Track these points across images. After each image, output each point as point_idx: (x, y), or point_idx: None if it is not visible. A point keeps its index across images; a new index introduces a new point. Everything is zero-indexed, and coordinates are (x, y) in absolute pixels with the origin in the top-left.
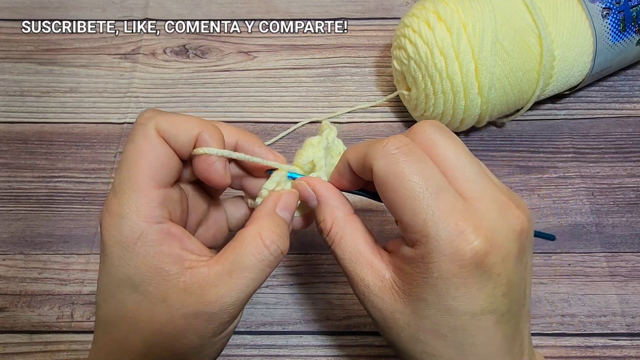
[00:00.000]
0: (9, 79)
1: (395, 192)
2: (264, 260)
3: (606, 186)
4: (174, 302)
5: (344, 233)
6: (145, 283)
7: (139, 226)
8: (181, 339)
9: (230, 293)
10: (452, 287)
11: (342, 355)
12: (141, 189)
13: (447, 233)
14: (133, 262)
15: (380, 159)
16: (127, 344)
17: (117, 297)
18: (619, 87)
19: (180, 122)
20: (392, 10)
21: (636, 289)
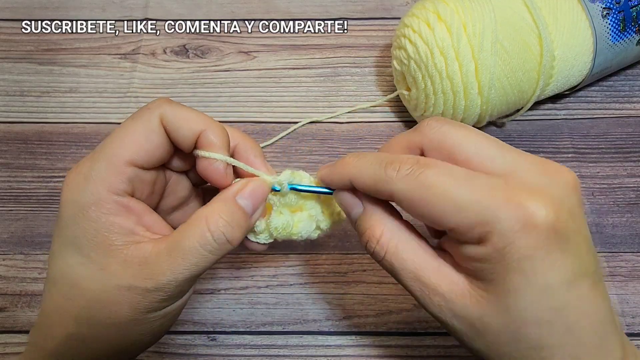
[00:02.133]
0: (9, 79)
1: (431, 205)
2: (205, 246)
3: (606, 186)
4: (112, 273)
5: (400, 239)
6: (89, 248)
7: (98, 193)
8: (114, 310)
9: (166, 272)
10: (538, 262)
11: (342, 355)
12: (115, 163)
13: (506, 210)
14: (83, 224)
15: (399, 183)
16: (65, 307)
17: (63, 256)
18: (619, 87)
19: (186, 116)
20: (392, 10)
21: (636, 289)
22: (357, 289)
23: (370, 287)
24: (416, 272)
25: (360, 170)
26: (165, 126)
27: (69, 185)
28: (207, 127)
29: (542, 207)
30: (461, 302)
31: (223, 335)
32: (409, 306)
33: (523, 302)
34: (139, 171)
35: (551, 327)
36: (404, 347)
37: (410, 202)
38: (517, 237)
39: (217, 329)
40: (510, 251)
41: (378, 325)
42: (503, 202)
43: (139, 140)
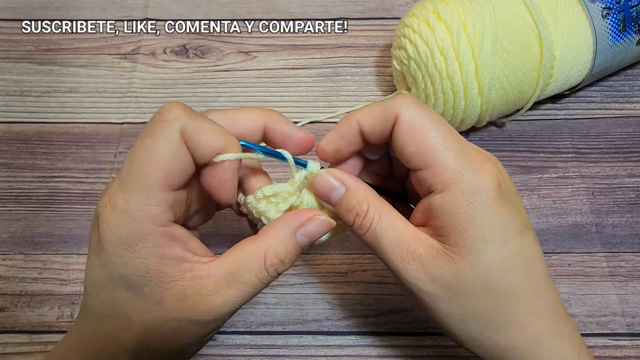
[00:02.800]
0: (9, 79)
1: (425, 136)
2: (264, 280)
3: (606, 186)
4: (169, 306)
5: (382, 211)
6: (142, 284)
7: (143, 227)
8: (172, 340)
9: (226, 303)
10: (497, 212)
11: (342, 355)
12: (152, 191)
13: (475, 165)
14: (132, 262)
15: (408, 108)
16: (118, 340)
17: (110, 292)
18: (619, 87)
19: (206, 133)
20: (392, 10)
21: (636, 289)
22: (357, 289)
23: (370, 287)
24: (397, 238)
25: (366, 109)
26: (186, 141)
27: (108, 223)
28: (227, 145)
29: (496, 171)
30: (438, 263)
31: (223, 335)
32: (409, 306)
33: (491, 247)
34: (175, 194)
35: (514, 270)
36: (404, 347)
37: (411, 128)
38: (481, 188)
39: None
40: (475, 200)
41: (378, 325)
42: (475, 160)
43: (167, 160)
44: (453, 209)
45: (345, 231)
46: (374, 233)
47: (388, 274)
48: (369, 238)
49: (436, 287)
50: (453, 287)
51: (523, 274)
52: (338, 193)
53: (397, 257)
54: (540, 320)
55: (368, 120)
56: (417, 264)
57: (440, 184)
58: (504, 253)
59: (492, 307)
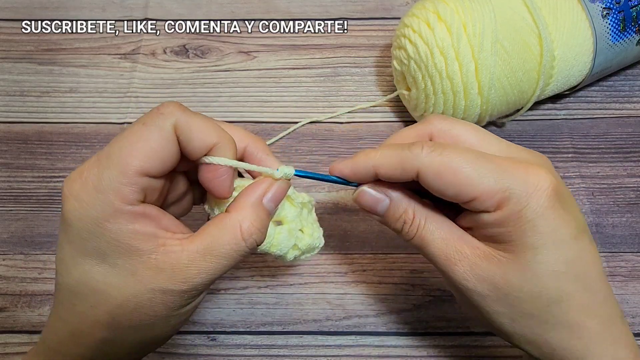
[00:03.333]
0: (9, 79)
1: (456, 175)
2: (239, 251)
3: (606, 186)
4: (143, 277)
5: (427, 216)
6: (114, 257)
7: (112, 205)
8: (147, 311)
9: (201, 275)
10: (550, 219)
11: (342, 355)
12: (127, 172)
13: (520, 178)
14: (103, 237)
15: (426, 159)
16: (93, 315)
17: (82, 267)
18: (619, 87)
19: (199, 128)
20: (392, 10)
21: (636, 289)
22: (357, 289)
23: (370, 287)
24: (444, 240)
25: (383, 155)
26: (178, 136)
27: (77, 196)
28: (219, 140)
29: (547, 175)
30: (485, 264)
31: (223, 335)
32: (409, 306)
33: (540, 256)
34: (151, 180)
35: (566, 277)
36: (404, 347)
37: (437, 175)
38: (531, 199)
39: (217, 329)
40: (526, 213)
41: (378, 325)
42: (516, 172)
43: (153, 149)
44: (505, 223)
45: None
46: (421, 237)
47: (388, 274)
48: (416, 242)
49: (484, 287)
50: (501, 288)
51: (576, 280)
52: (383, 205)
53: (444, 258)
54: (594, 324)
55: (385, 168)
56: (464, 264)
57: (491, 207)
58: (556, 261)
59: (542, 310)
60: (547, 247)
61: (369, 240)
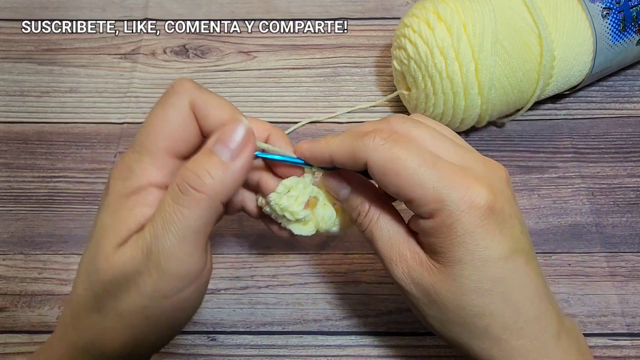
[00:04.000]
0: (9, 79)
1: (398, 175)
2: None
3: (606, 186)
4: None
5: (381, 213)
6: (117, 230)
7: (141, 182)
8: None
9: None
10: (479, 238)
11: (342, 355)
12: (156, 155)
13: (457, 192)
14: (120, 211)
15: (374, 153)
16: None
17: (97, 240)
18: (619, 87)
19: (214, 104)
20: (392, 10)
21: (636, 289)
22: (357, 289)
23: (370, 287)
24: (390, 240)
25: (338, 144)
26: (195, 113)
27: (115, 175)
28: (234, 114)
29: (485, 193)
30: (419, 271)
31: (223, 335)
32: (409, 306)
33: (466, 271)
34: (177, 162)
35: (491, 296)
36: (404, 347)
37: (381, 171)
38: (463, 215)
39: (217, 329)
40: (456, 227)
41: (378, 325)
42: (456, 185)
43: (176, 129)
44: (437, 234)
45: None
46: (371, 231)
47: (388, 274)
48: (367, 235)
49: (418, 291)
50: (431, 295)
51: (501, 300)
52: (345, 192)
53: (387, 256)
54: (519, 342)
55: (340, 157)
56: (403, 266)
57: (426, 214)
58: (481, 279)
59: (467, 320)
60: (473, 264)
61: None
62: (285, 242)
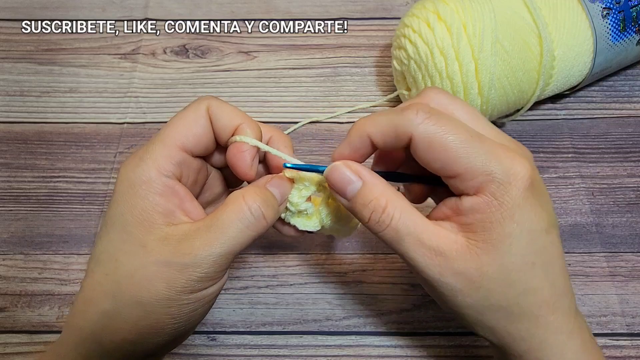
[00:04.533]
0: (9, 79)
1: (446, 148)
2: (243, 220)
3: (606, 186)
4: (151, 249)
5: (403, 208)
6: (132, 225)
7: (149, 172)
8: (149, 287)
9: (205, 247)
10: (526, 210)
11: (342, 355)
12: (166, 144)
13: (504, 165)
14: (131, 201)
15: (419, 126)
16: (104, 283)
17: (108, 233)
18: (619, 87)
19: (228, 109)
20: (392, 10)
21: (636, 289)
22: (357, 289)
23: (370, 287)
24: (420, 234)
25: (376, 121)
26: (210, 115)
27: (126, 165)
28: (244, 121)
29: (529, 166)
30: (461, 258)
31: (223, 335)
32: (409, 306)
33: (516, 246)
34: (187, 157)
35: (534, 269)
36: (404, 347)
37: (427, 145)
38: (512, 188)
39: (217, 329)
40: (506, 200)
41: (378, 325)
42: (502, 158)
43: (187, 124)
44: (485, 209)
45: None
46: (395, 229)
47: (388, 274)
48: (388, 235)
49: (458, 281)
50: (475, 281)
51: (543, 273)
52: (354, 187)
53: (420, 253)
54: (553, 317)
55: (379, 135)
56: (440, 259)
57: (471, 189)
58: (528, 252)
59: (511, 301)
60: (522, 237)
61: (369, 240)
62: (287, 243)
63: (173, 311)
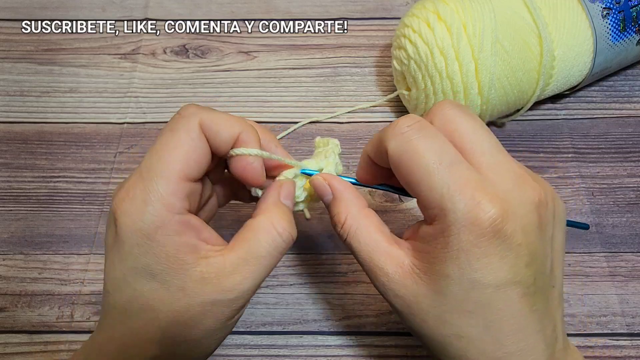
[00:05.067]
0: (9, 79)
1: (410, 169)
2: (277, 248)
3: (606, 186)
4: (192, 291)
5: (359, 225)
6: (164, 272)
7: (162, 215)
8: (198, 325)
9: (247, 280)
10: (473, 259)
11: (342, 355)
12: (171, 179)
13: (464, 205)
14: (152, 250)
15: (393, 140)
16: (144, 333)
17: (133, 286)
18: (619, 87)
19: (223, 120)
20: (392, 10)
21: (636, 289)
22: (357, 289)
23: (370, 287)
24: (369, 253)
25: (372, 138)
26: (205, 132)
27: (127, 212)
28: (243, 128)
29: (494, 213)
30: (403, 282)
31: None
32: None
33: (452, 288)
34: (192, 185)
35: (471, 318)
36: (404, 347)
37: (396, 161)
38: (462, 231)
39: None
40: (452, 241)
41: (378, 325)
42: (465, 196)
43: (186, 150)
44: (433, 243)
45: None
46: (349, 243)
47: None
48: (347, 245)
49: (397, 304)
50: (412, 307)
51: (483, 326)
52: (327, 198)
53: (367, 268)
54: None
55: (371, 151)
56: (384, 279)
57: (427, 218)
58: (466, 301)
59: (445, 339)
60: (460, 283)
61: None
62: None
63: (220, 335)
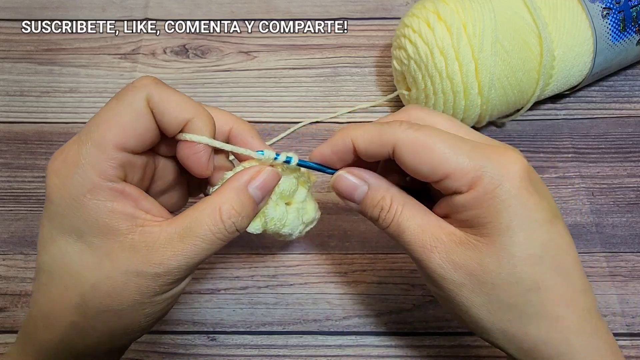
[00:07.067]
0: (9, 79)
1: (431, 151)
2: (217, 234)
3: (606, 186)
4: (118, 258)
5: (406, 203)
6: (91, 235)
7: (91, 179)
8: (120, 296)
9: (177, 257)
10: (524, 200)
11: (342, 355)
12: (104, 147)
13: (493, 159)
14: (80, 213)
15: (403, 134)
16: (65, 297)
17: (59, 245)
18: (619, 87)
19: (174, 102)
20: (392, 10)
21: (636, 289)
22: (357, 289)
23: (370, 287)
24: (419, 227)
25: (363, 127)
26: (152, 109)
27: (57, 172)
28: (195, 114)
29: (520, 158)
30: (461, 250)
31: (223, 335)
32: (409, 306)
33: (517, 237)
34: (130, 156)
35: (543, 263)
36: (404, 347)
37: (412, 151)
38: (505, 180)
39: (217, 329)
40: (499, 192)
41: (378, 325)
42: (490, 154)
43: (126, 123)
44: (479, 205)
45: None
46: (397, 223)
47: (388, 274)
48: (392, 229)
49: (460, 275)
50: (478, 275)
51: (554, 266)
52: (361, 191)
53: (420, 245)
54: (574, 315)
55: (363, 142)
56: (440, 250)
57: (464, 187)
58: (532, 244)
59: (520, 299)
60: (522, 229)
61: (369, 240)
62: (287, 242)
63: (147, 311)
